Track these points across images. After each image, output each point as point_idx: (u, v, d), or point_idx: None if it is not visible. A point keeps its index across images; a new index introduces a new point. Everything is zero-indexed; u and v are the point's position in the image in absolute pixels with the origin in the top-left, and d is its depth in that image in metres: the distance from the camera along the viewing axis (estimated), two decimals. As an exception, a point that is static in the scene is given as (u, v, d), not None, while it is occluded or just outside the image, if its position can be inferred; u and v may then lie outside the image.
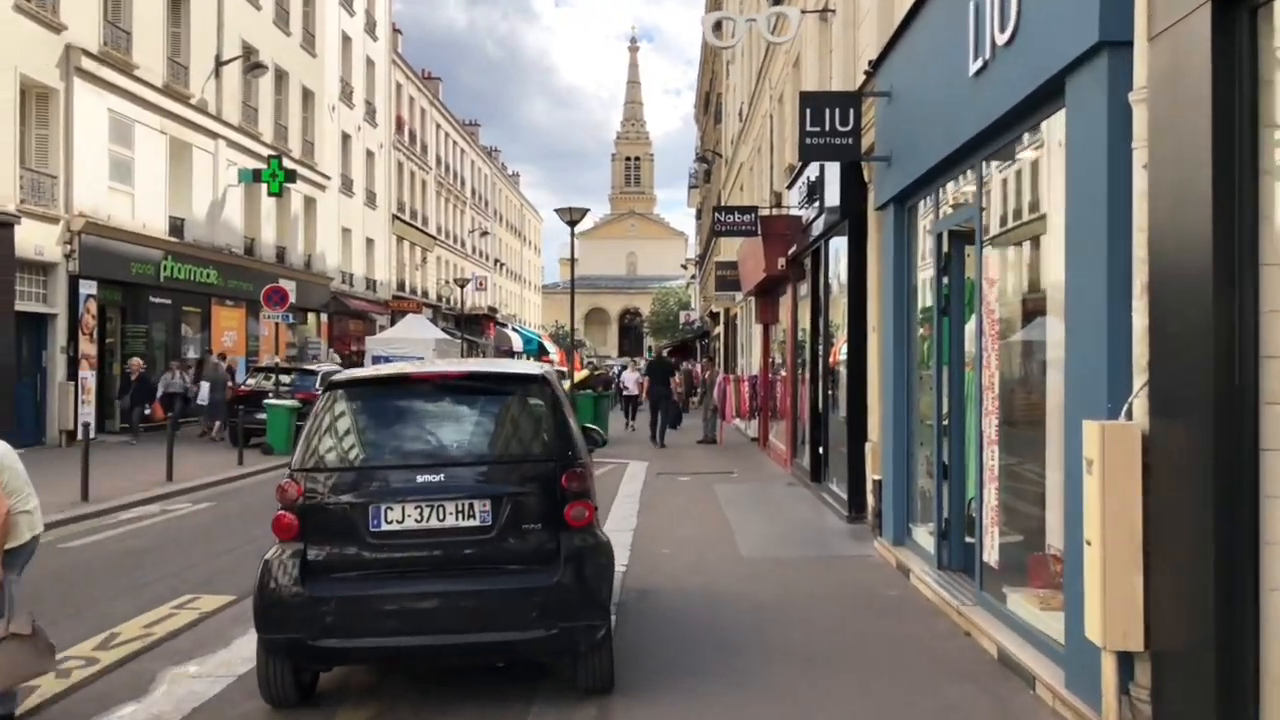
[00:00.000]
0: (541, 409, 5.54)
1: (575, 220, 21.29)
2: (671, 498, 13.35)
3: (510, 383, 5.77)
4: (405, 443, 5.46)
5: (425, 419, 5.53)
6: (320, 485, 5.26)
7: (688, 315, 63.50)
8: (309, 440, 5.37)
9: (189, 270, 24.21)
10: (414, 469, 5.27)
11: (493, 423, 5.57)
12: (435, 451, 5.42)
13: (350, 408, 5.52)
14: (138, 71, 22.09)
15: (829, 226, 12.26)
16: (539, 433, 5.51)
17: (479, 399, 5.62)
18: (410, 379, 5.74)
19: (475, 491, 5.24)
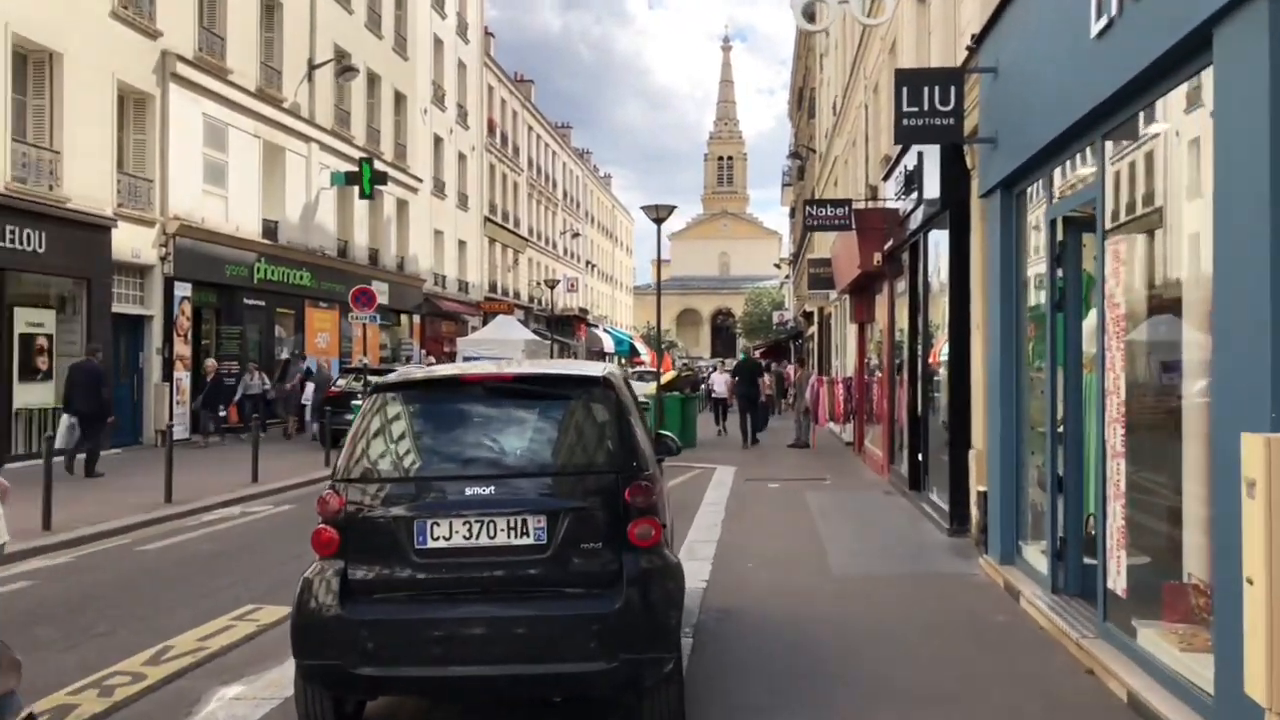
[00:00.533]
0: (603, 415, 5.01)
1: (662, 217, 20.79)
2: (759, 506, 12.70)
3: (568, 386, 5.24)
4: (454, 452, 4.99)
5: (476, 425, 5.05)
6: (363, 497, 4.82)
7: (781, 315, 62.42)
8: (352, 447, 4.94)
9: (282, 272, 24.46)
10: (463, 481, 4.79)
11: (549, 430, 5.05)
12: (486, 461, 4.93)
13: (396, 413, 5.07)
14: (231, 76, 22.37)
15: (928, 218, 11.48)
16: (600, 441, 4.99)
17: (535, 404, 5.11)
18: (461, 381, 5.26)
19: (529, 506, 4.73)
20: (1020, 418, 8.05)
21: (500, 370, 5.46)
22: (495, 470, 4.87)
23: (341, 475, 4.88)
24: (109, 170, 18.42)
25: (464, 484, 4.77)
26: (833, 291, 23.09)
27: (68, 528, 10.72)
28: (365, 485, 4.85)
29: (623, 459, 4.89)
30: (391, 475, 4.89)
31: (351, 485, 4.85)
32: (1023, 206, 8.00)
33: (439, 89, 37.40)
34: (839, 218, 15.06)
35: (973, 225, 9.99)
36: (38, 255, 16.43)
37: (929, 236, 12.13)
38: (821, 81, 34.28)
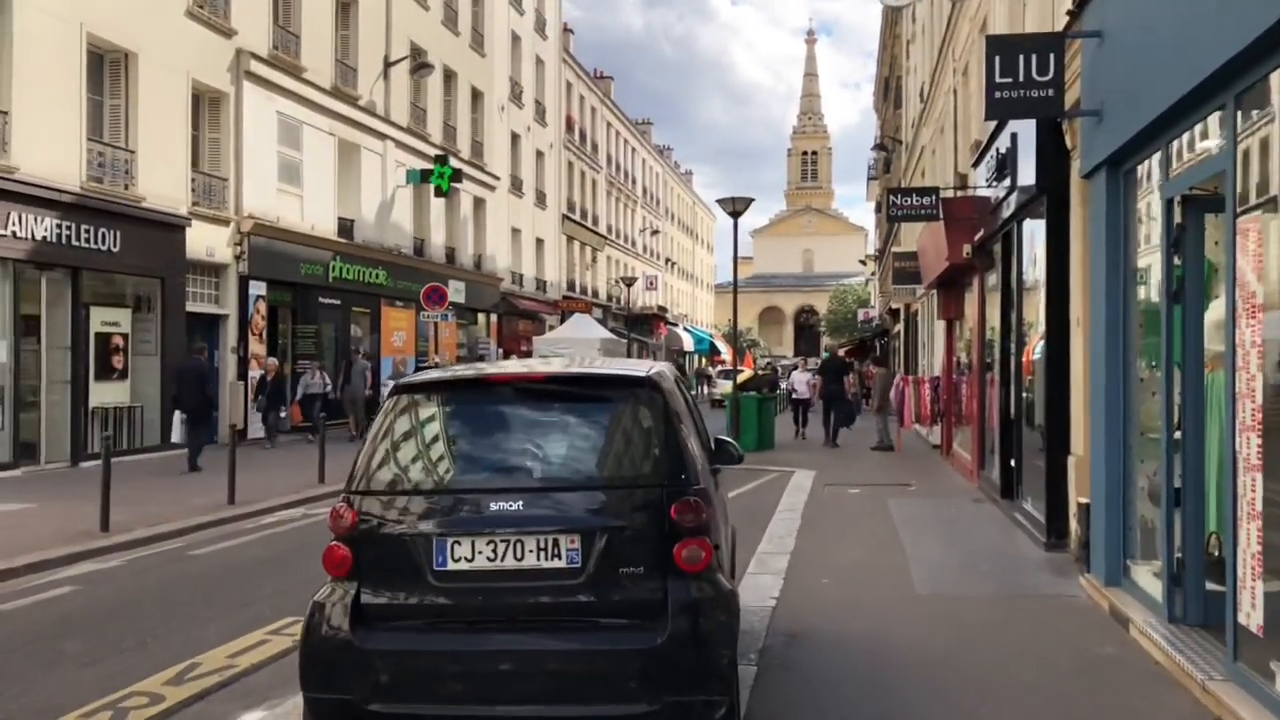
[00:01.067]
0: (648, 420, 4.41)
1: (739, 211, 20.14)
2: (838, 514, 11.96)
3: (608, 387, 4.65)
4: (478, 461, 4.45)
5: (504, 432, 4.49)
6: (379, 512, 4.30)
7: (866, 313, 61.02)
8: (369, 455, 4.43)
9: (358, 271, 24.42)
10: (487, 494, 4.24)
11: (585, 438, 4.47)
12: (514, 473, 4.37)
13: (417, 416, 4.55)
14: (306, 74, 22.36)
15: (1022, 205, 10.60)
16: (643, 451, 4.40)
17: (570, 408, 4.52)
18: (488, 382, 4.70)
19: (561, 524, 4.16)
20: (1128, 422, 7.21)
21: (532, 369, 4.88)
22: (524, 483, 4.31)
23: (356, 486, 4.37)
24: (183, 169, 18.47)
25: (489, 498, 4.23)
26: (919, 287, 22.11)
27: (125, 529, 10.54)
28: (380, 498, 4.33)
29: (669, 471, 4.29)
30: (408, 487, 4.37)
31: (366, 497, 4.34)
32: (1131, 187, 7.15)
33: (516, 86, 37.23)
34: (925, 207, 14.19)
35: (1072, 211, 9.11)
36: (113, 254, 16.50)
37: (1023, 226, 11.25)
38: (908, 69, 33.17)
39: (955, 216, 14.28)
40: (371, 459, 4.40)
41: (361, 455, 4.44)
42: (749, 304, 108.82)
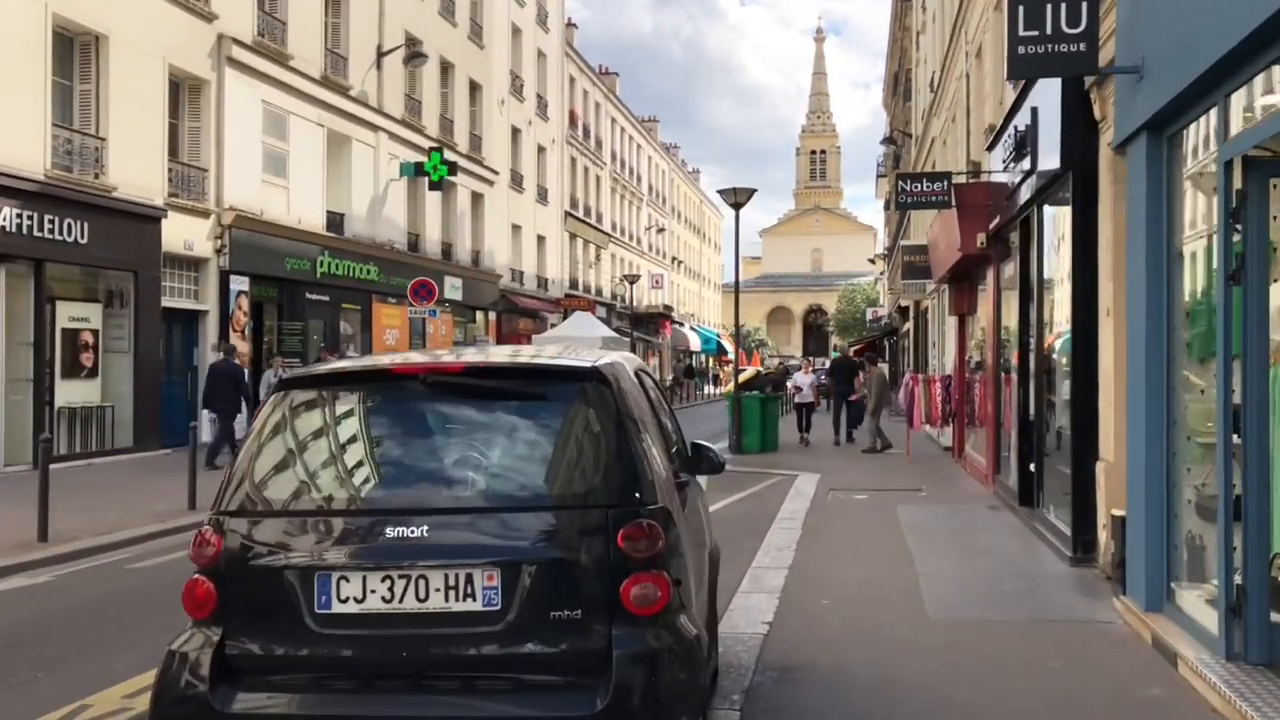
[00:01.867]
0: (594, 423, 3.53)
1: (741, 202, 19.26)
2: (843, 522, 11.05)
3: (544, 382, 3.73)
4: (375, 475, 3.57)
5: (408, 438, 3.60)
6: (250, 538, 3.43)
7: (874, 312, 60.01)
8: (242, 467, 3.55)
9: (348, 266, 23.60)
10: (384, 517, 3.36)
11: (512, 445, 3.57)
12: (418, 490, 3.48)
13: (302, 418, 3.67)
14: (293, 62, 21.55)
15: (1043, 186, 9.69)
16: (588, 461, 3.52)
17: (494, 407, 3.62)
18: (390, 374, 3.78)
19: (476, 555, 3.29)
20: (1172, 424, 6.29)
21: (447, 359, 3.98)
22: (431, 502, 3.42)
23: (225, 505, 3.49)
24: (159, 158, 17.66)
25: (386, 522, 3.35)
26: (930, 282, 21.19)
27: (69, 539, 9.71)
28: (253, 520, 3.46)
29: (618, 487, 3.41)
30: (287, 507, 3.49)
31: (235, 519, 3.46)
32: (1177, 155, 6.24)
33: (517, 79, 36.39)
34: (937, 194, 13.27)
35: (1101, 190, 8.20)
36: (81, 246, 15.69)
37: (1043, 210, 10.33)
38: (917, 61, 32.31)
39: (968, 204, 13.37)
40: (245, 472, 3.53)
41: (233, 467, 3.56)
42: (757, 304, 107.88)
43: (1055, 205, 9.96)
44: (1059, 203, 9.70)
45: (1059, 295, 9.73)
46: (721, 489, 13.93)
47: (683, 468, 4.64)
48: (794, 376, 23.33)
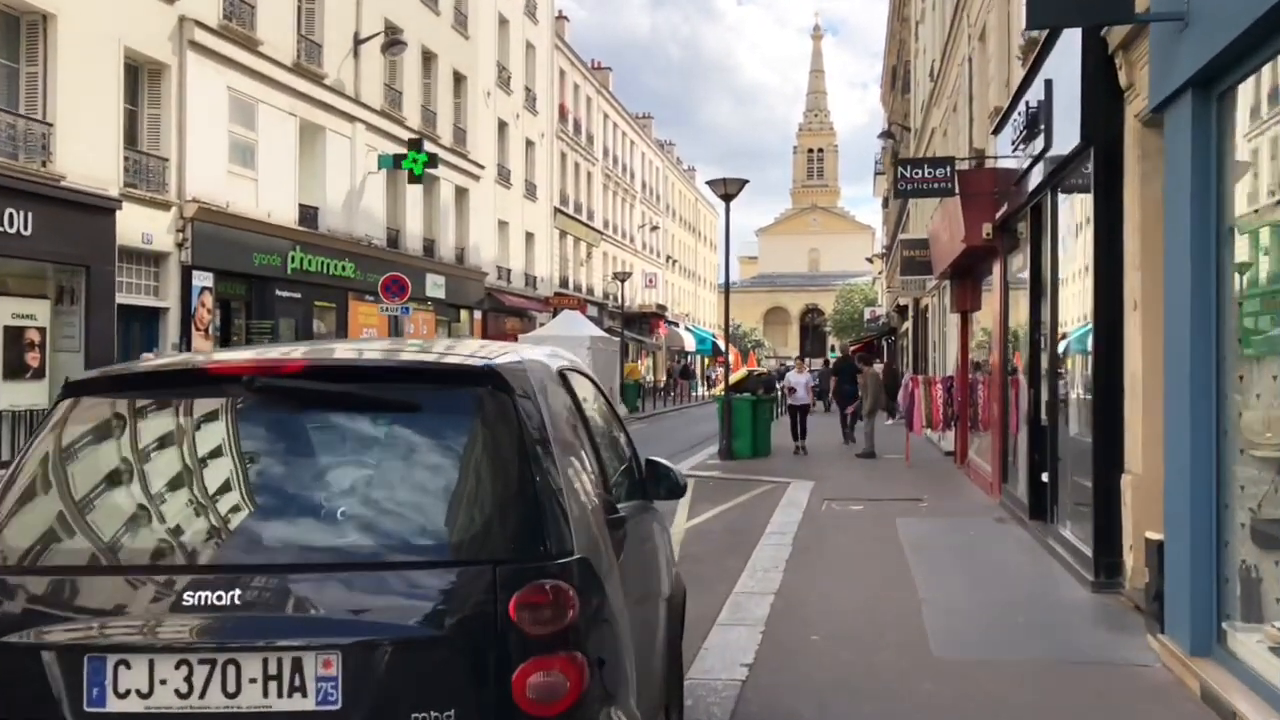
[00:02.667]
0: (486, 445, 2.56)
1: (731, 194, 18.31)
2: (837, 537, 10.09)
3: (418, 388, 2.69)
4: (173, 518, 2.58)
5: (224, 466, 2.62)
6: (2, 604, 2.46)
7: (872, 312, 59.10)
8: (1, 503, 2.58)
9: (321, 262, 22.61)
10: (183, 577, 2.40)
11: (366, 476, 2.59)
12: (231, 539, 2.51)
13: (85, 437, 2.69)
14: (263, 48, 20.56)
15: (1059, 168, 8.74)
16: (475, 498, 2.54)
17: (345, 423, 2.64)
18: (205, 375, 2.78)
19: (308, 631, 2.33)
20: (1223, 434, 5.34)
21: (282, 356, 2.91)
22: (249, 557, 2.45)
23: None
24: (113, 146, 16.65)
25: (184, 584, 2.38)
26: (930, 278, 20.24)
27: None
28: (8, 579, 2.49)
29: (515, 534, 2.44)
30: (47, 561, 2.52)
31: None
32: (1229, 116, 5.29)
33: (504, 71, 35.40)
34: (939, 180, 12.31)
35: (1127, 169, 7.27)
36: (24, 238, 14.69)
37: (1057, 195, 9.38)
38: (916, 52, 31.42)
39: (973, 192, 12.43)
40: (3, 512, 2.56)
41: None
42: (754, 304, 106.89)
43: (1071, 189, 9.02)
44: (1075, 187, 8.78)
45: (1076, 288, 8.78)
46: (708, 499, 12.99)
47: (631, 494, 3.69)
48: (787, 377, 21.66)
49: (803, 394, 19.66)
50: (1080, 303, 8.58)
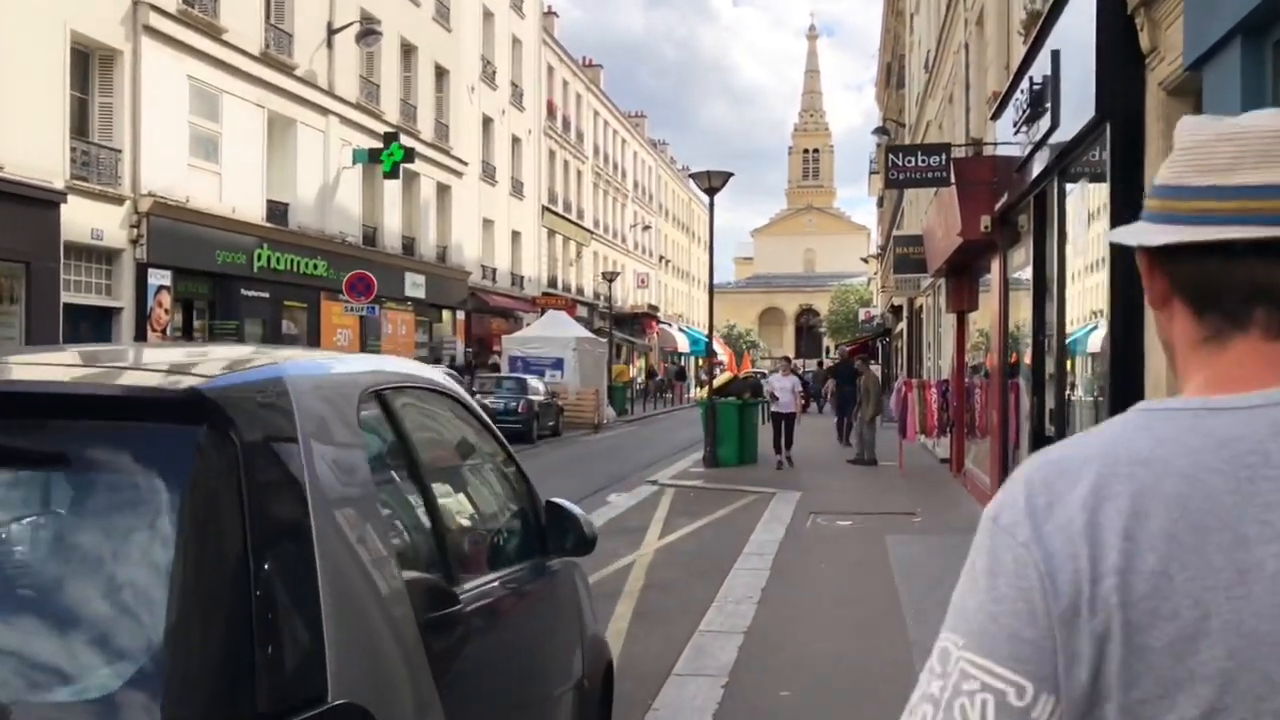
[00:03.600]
0: (181, 525, 1.57)
1: (715, 187, 17.39)
2: (821, 560, 9.16)
3: (70, 428, 1.68)
4: None
5: None
6: None
7: (867, 312, 58.23)
8: None
9: (291, 260, 21.66)
10: None
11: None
12: None
13: None
14: (227, 36, 19.61)
15: (1068, 149, 7.81)
16: (146, 619, 1.57)
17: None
18: None
19: None
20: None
21: None
22: None
23: None
24: (59, 136, 15.69)
25: None
26: (925, 277, 19.34)
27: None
28: None
29: (208, 684, 1.48)
30: None
31: None
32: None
33: (489, 65, 34.46)
34: (933, 169, 11.38)
35: (1149, 145, 6.35)
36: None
37: (1064, 182, 8.46)
38: (911, 45, 30.58)
39: (970, 180, 11.52)
40: None
41: None
42: (749, 304, 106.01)
43: (1081, 174, 8.11)
44: (1086, 170, 7.86)
45: (1087, 283, 7.86)
46: (686, 512, 12.08)
47: (516, 554, 2.74)
48: (770, 380, 18.81)
49: (787, 400, 17.67)
50: (1092, 299, 7.66)
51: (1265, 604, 0.78)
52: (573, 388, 28.01)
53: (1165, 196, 0.94)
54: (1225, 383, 0.88)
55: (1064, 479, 0.86)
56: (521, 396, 23.03)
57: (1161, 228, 0.93)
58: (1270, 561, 0.78)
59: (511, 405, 22.61)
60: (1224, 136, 0.91)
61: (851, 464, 16.87)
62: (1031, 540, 0.85)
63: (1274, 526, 0.79)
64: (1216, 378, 0.89)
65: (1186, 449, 0.84)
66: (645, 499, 13.61)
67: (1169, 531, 0.80)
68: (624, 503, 13.29)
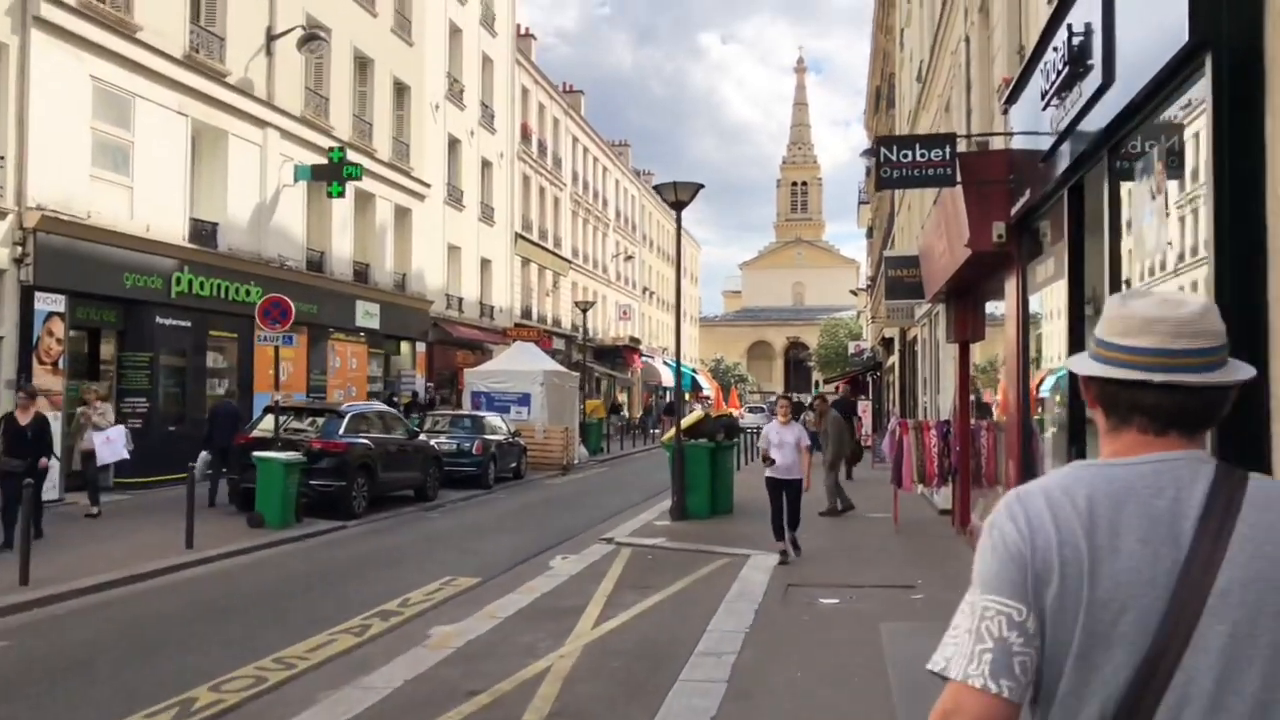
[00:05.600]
0: None
1: (682, 200, 15.44)
2: (794, 665, 6.94)
3: None
4: None
5: None
6: None
7: (857, 346, 56.19)
8: None
9: (218, 286, 19.48)
10: None
11: None
12: None
13: None
14: (142, 35, 17.55)
15: (1130, 111, 5.69)
16: None
17: None
18: None
19: None
20: None
21: None
22: None
23: None
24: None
25: None
26: (921, 303, 17.24)
27: None
28: None
29: None
30: None
31: None
32: None
33: (456, 84, 32.53)
34: (934, 165, 9.27)
35: (1271, 84, 4.26)
36: None
37: (1117, 161, 6.36)
38: (901, 62, 28.82)
39: (980, 179, 9.45)
40: None
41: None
42: (737, 338, 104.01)
43: (1150, 140, 6.03)
44: (1156, 134, 5.76)
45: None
46: (637, 584, 9.91)
47: None
48: (765, 432, 11.68)
49: (790, 461, 11.28)
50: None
51: (1124, 565, 1.48)
52: (540, 425, 25.80)
53: (1097, 344, 1.66)
54: (1120, 453, 1.61)
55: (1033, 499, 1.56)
56: (476, 436, 20.81)
57: (1092, 363, 1.64)
58: (1129, 544, 1.49)
59: (465, 446, 20.41)
60: (1122, 315, 1.62)
61: (824, 516, 14.65)
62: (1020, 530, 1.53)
63: (1132, 526, 1.49)
64: (1116, 451, 1.62)
65: (1096, 486, 1.55)
66: (594, 563, 11.41)
67: (1081, 526, 1.51)
68: (567, 569, 11.08)
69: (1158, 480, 1.52)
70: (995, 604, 1.48)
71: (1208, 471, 1.53)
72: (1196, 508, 1.49)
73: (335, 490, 15.06)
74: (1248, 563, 1.45)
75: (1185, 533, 1.47)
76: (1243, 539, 1.46)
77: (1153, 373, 1.54)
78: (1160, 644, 1.44)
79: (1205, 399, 1.57)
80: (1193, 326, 1.55)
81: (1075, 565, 1.48)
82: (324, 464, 15.01)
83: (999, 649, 1.46)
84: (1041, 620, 1.48)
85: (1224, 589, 1.44)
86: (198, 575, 10.80)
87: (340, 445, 15.25)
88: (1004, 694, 1.44)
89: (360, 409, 16.90)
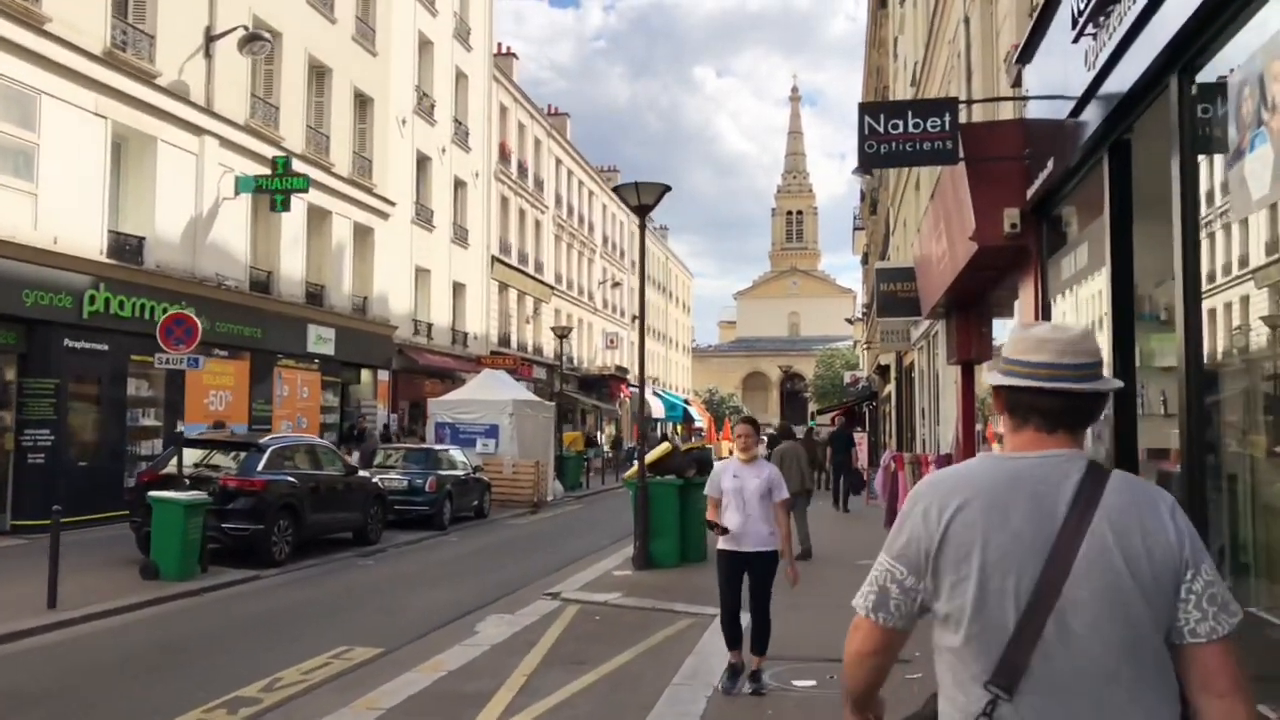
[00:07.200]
0: None
1: (646, 204, 13.59)
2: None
3: None
4: None
5: None
6: None
7: (853, 376, 54.43)
8: None
9: (140, 306, 17.60)
10: None
11: None
12: None
13: None
14: (51, 26, 15.82)
15: (1200, 22, 3.88)
16: None
17: None
18: None
19: None
20: None
21: None
22: None
23: None
24: None
25: None
26: (917, 324, 15.42)
27: None
28: None
29: None
30: None
31: None
32: None
33: (426, 98, 30.89)
34: (931, 138, 7.47)
35: None
36: None
37: (1186, 90, 4.55)
38: (895, 73, 27.30)
39: (988, 156, 7.65)
40: None
41: None
42: (732, 368, 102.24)
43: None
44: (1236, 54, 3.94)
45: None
46: (572, 657, 8.00)
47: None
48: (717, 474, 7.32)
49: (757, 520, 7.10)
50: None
51: (1011, 534, 1.91)
52: (509, 459, 23.89)
53: (1005, 362, 2.09)
54: (1019, 448, 2.04)
55: (939, 485, 2.05)
56: (430, 472, 18.89)
57: (1000, 376, 2.08)
58: (1016, 520, 1.93)
59: (417, 483, 18.50)
60: (1024, 338, 2.07)
61: (800, 559, 12.70)
62: (926, 509, 2.02)
63: (1019, 508, 1.93)
64: (1016, 445, 2.05)
65: (995, 474, 2.00)
66: (529, 626, 9.49)
67: (979, 506, 1.95)
68: (494, 635, 9.14)
69: (1043, 471, 1.99)
70: (889, 564, 2.09)
71: (1081, 465, 2.00)
72: (1070, 492, 1.95)
73: (251, 534, 13.15)
74: (1105, 533, 1.91)
75: (1060, 512, 1.94)
76: (1101, 516, 1.91)
77: (1045, 381, 2.01)
78: (1039, 594, 1.90)
79: (1085, 402, 2.03)
80: (1075, 346, 2.04)
81: (969, 536, 1.96)
82: (238, 504, 13.12)
83: (880, 594, 2.10)
84: (933, 577, 2.02)
85: (1086, 553, 1.90)
86: (42, 645, 8.87)
87: (257, 483, 13.34)
88: (878, 622, 2.11)
89: (287, 441, 15.00)
